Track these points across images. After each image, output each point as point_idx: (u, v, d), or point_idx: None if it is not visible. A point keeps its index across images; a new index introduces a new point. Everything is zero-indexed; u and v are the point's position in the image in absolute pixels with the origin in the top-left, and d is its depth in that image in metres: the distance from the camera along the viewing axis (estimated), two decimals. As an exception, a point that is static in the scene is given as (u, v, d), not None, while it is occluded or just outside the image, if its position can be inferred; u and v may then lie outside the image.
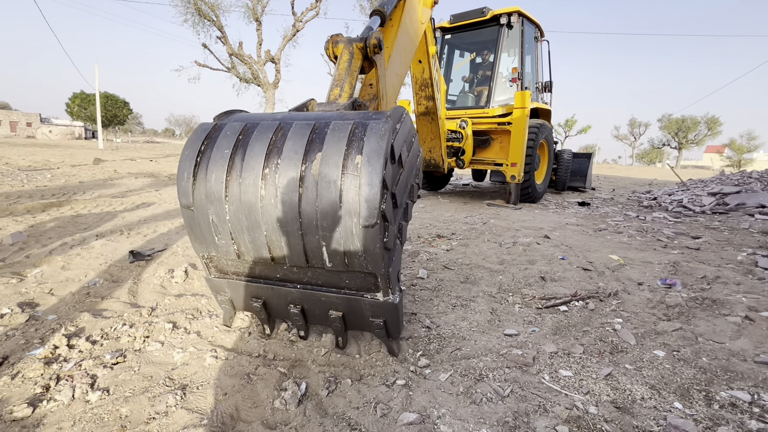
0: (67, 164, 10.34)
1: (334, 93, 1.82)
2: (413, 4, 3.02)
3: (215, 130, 1.44)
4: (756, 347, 1.70)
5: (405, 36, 2.92)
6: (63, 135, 52.09)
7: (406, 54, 3.00)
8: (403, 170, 1.51)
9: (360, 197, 1.20)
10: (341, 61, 1.95)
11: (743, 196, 6.48)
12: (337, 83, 1.86)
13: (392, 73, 2.67)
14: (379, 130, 1.24)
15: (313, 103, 1.79)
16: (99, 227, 3.82)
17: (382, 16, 2.48)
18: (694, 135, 46.49)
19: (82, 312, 1.99)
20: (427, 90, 4.52)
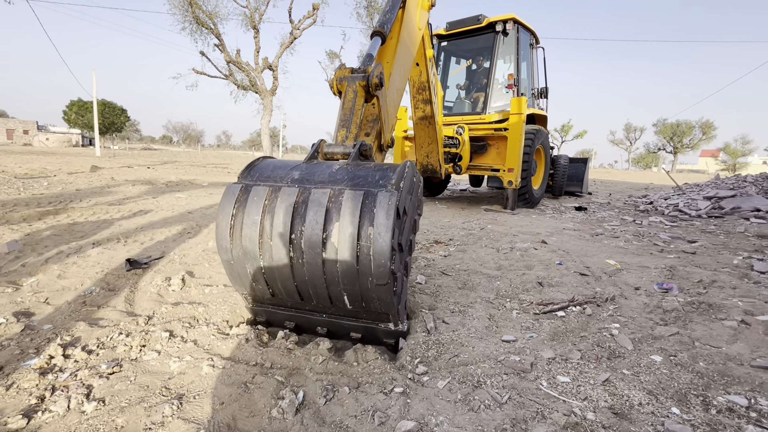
0: (63, 172, 10.32)
1: (341, 134, 1.95)
2: (411, 14, 3.05)
3: (243, 193, 1.64)
4: (752, 351, 1.70)
5: (404, 48, 2.95)
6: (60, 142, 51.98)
7: (406, 66, 3.03)
8: (407, 216, 1.66)
9: (373, 263, 1.44)
10: (346, 101, 2.04)
11: (738, 200, 6.53)
12: (344, 123, 1.97)
13: (393, 89, 2.71)
14: (386, 204, 1.44)
15: (323, 144, 1.88)
16: (95, 235, 3.81)
17: (382, 36, 2.52)
18: (689, 139, 46.88)
19: (78, 321, 1.98)
20: (424, 93, 4.56)
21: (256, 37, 12.16)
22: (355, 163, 1.68)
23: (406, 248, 1.70)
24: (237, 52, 12.02)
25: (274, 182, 1.64)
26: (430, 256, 3.43)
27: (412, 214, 1.78)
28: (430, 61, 4.23)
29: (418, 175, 1.84)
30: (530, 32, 7.22)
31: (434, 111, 4.78)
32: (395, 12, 2.75)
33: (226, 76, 12.67)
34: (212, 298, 2.37)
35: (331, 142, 1.88)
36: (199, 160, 22.64)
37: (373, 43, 2.47)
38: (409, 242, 1.77)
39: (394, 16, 2.71)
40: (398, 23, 2.88)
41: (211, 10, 11.38)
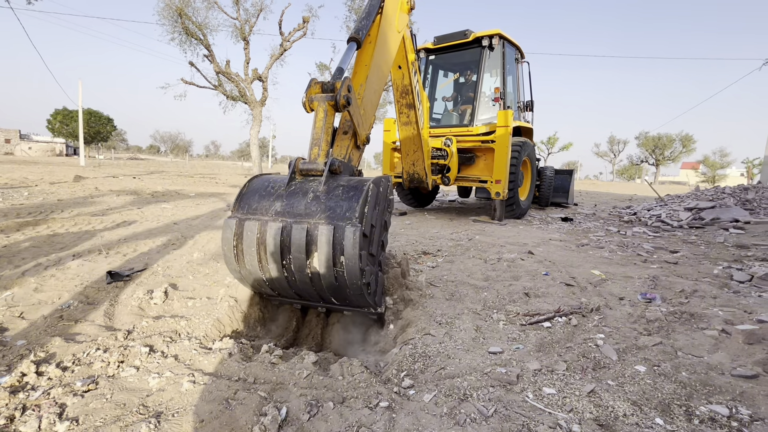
0: (45, 182, 10.09)
1: (313, 152, 2.11)
2: (389, 17, 3.09)
3: (238, 227, 1.95)
4: (733, 360, 1.73)
5: (382, 50, 2.99)
6: (43, 152, 50.95)
7: (384, 68, 3.06)
8: (374, 228, 1.97)
9: (348, 281, 1.79)
10: (317, 119, 2.16)
11: (718, 211, 6.71)
12: (316, 142, 2.13)
13: (370, 90, 2.74)
14: (351, 238, 1.73)
15: (298, 162, 2.06)
16: (76, 247, 3.71)
17: (357, 42, 2.61)
18: (670, 152, 48.27)
19: (54, 336, 1.92)
20: (407, 97, 4.62)
21: (246, 49, 12.20)
22: (326, 188, 1.92)
23: (378, 249, 2.09)
24: (227, 63, 12.02)
25: (261, 215, 1.95)
26: (418, 267, 3.42)
27: (380, 221, 2.10)
28: (412, 65, 4.30)
29: (384, 183, 2.12)
30: (515, 47, 7.41)
31: (418, 117, 4.84)
32: (372, 18, 2.81)
33: (215, 87, 12.64)
34: (195, 311, 2.31)
35: (306, 160, 2.08)
36: (186, 171, 22.39)
37: (346, 51, 2.54)
38: (381, 242, 2.16)
39: (370, 23, 2.78)
40: (376, 27, 2.93)
41: (201, 21, 11.40)
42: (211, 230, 4.72)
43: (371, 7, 2.91)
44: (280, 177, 2.12)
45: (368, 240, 1.88)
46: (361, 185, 1.88)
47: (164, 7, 11.00)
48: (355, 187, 1.88)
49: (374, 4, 2.95)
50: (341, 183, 1.92)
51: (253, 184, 2.09)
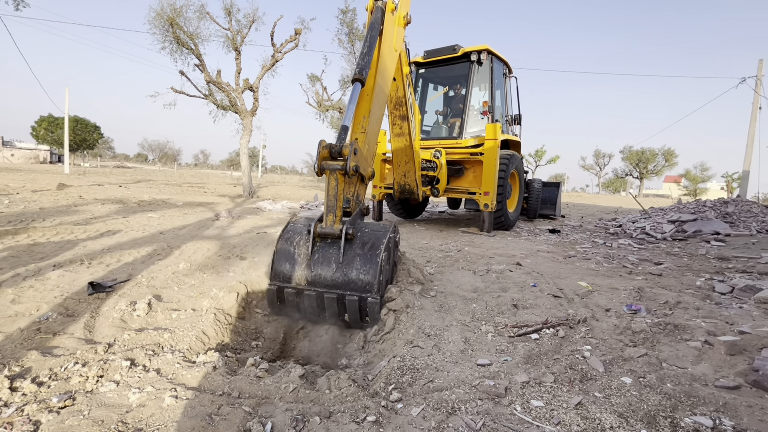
0: (27, 189, 9.85)
1: (329, 219, 2.35)
2: (388, 40, 3.14)
3: (280, 294, 2.38)
4: (716, 371, 1.76)
5: (383, 75, 3.03)
6: (26, 159, 49.84)
7: (385, 90, 3.11)
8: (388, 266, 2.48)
9: (371, 324, 2.32)
10: (329, 188, 2.37)
11: (699, 223, 6.88)
12: (330, 209, 2.36)
13: (373, 120, 2.83)
14: (374, 307, 2.24)
15: (317, 227, 2.34)
16: (57, 257, 3.62)
17: (362, 82, 2.72)
18: (653, 166, 49.48)
19: (30, 350, 1.85)
20: (401, 109, 4.68)
21: (238, 59, 12.22)
22: (345, 258, 2.28)
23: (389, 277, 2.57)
24: (218, 72, 12.00)
25: (297, 284, 2.32)
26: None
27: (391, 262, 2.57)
28: (406, 78, 4.36)
29: (393, 238, 2.53)
30: (503, 62, 7.58)
31: (411, 128, 4.90)
32: (372, 54, 2.85)
33: (205, 96, 12.59)
34: (180, 323, 2.26)
35: (323, 225, 2.37)
36: (174, 179, 22.12)
37: (353, 92, 2.63)
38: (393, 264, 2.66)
39: (371, 59, 2.82)
40: (376, 53, 2.96)
41: (193, 31, 11.40)
42: (198, 240, 4.66)
43: (372, 40, 2.93)
44: (303, 238, 2.40)
45: (384, 283, 2.39)
46: (375, 257, 2.25)
47: (156, 16, 10.98)
48: (370, 258, 2.26)
49: (374, 35, 2.96)
50: (357, 252, 2.30)
51: (279, 251, 2.41)
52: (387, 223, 2.50)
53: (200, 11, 11.55)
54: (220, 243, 4.54)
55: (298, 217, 2.60)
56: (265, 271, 3.06)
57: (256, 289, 2.76)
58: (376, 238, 2.34)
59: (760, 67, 16.34)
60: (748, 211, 8.01)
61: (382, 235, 2.36)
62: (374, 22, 3.02)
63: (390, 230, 2.45)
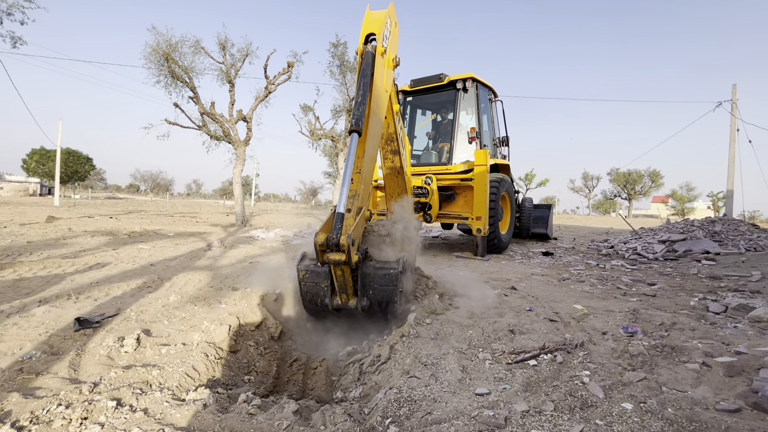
0: (15, 223, 9.70)
1: (342, 298, 2.59)
2: (378, 86, 3.15)
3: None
4: (716, 394, 1.74)
5: (375, 119, 3.05)
6: (15, 192, 49.38)
7: (378, 131, 3.16)
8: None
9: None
10: (336, 275, 2.50)
11: (689, 243, 6.97)
12: (342, 290, 2.56)
13: (368, 159, 2.85)
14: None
15: (333, 302, 2.65)
16: (43, 292, 3.53)
17: (359, 133, 2.77)
18: (640, 187, 50.55)
19: (11, 392, 1.77)
20: (392, 144, 4.79)
21: (232, 91, 12.50)
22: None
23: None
24: (212, 104, 12.22)
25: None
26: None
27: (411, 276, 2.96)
28: (397, 115, 4.48)
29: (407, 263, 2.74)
30: (488, 88, 7.84)
31: (402, 162, 4.99)
32: (366, 102, 2.86)
33: (199, 127, 12.76)
34: (169, 359, 2.19)
35: (338, 301, 2.61)
36: (166, 209, 21.99)
37: (351, 144, 2.70)
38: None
39: (365, 108, 2.83)
40: (369, 100, 2.97)
41: (188, 65, 11.69)
42: (190, 271, 4.59)
43: (365, 87, 2.92)
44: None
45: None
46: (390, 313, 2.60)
47: (151, 51, 11.27)
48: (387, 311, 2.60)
49: (366, 82, 2.96)
50: (376, 309, 2.62)
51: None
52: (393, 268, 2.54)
53: (195, 46, 11.90)
54: (212, 273, 4.47)
55: (310, 270, 2.63)
56: (257, 302, 3.01)
57: (248, 321, 2.71)
58: (389, 297, 2.55)
59: (734, 91, 17.11)
60: (735, 229, 8.15)
61: (392, 292, 2.53)
62: (365, 67, 3.04)
63: (397, 280, 2.54)
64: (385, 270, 2.52)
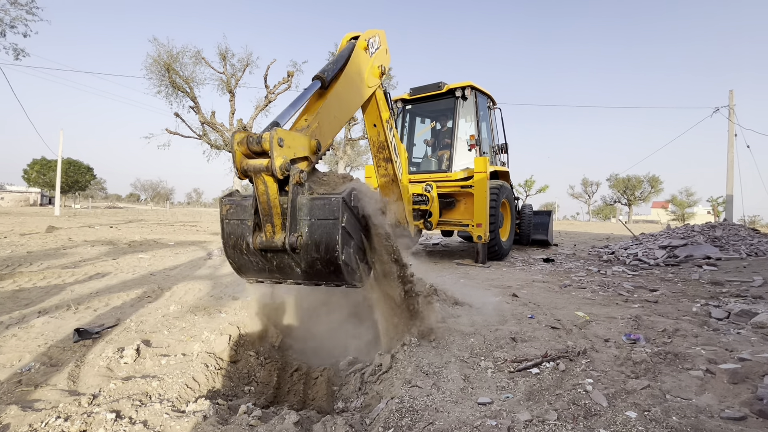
0: (15, 233, 9.70)
1: (268, 229, 1.86)
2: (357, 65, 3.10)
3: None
4: (720, 402, 1.72)
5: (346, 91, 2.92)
6: (16, 202, 49.49)
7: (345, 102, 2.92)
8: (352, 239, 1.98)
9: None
10: (259, 193, 1.84)
11: (690, 248, 6.96)
12: (266, 219, 1.85)
13: (329, 113, 2.57)
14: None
15: (256, 240, 1.89)
16: (43, 302, 3.52)
17: (323, 81, 2.50)
18: (640, 192, 50.67)
19: (9, 404, 1.76)
20: (384, 152, 4.82)
21: (232, 100, 12.61)
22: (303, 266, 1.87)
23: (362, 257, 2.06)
24: (212, 113, 12.32)
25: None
26: (404, 313, 3.36)
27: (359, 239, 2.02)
28: (387, 122, 4.51)
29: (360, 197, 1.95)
30: (487, 96, 7.89)
31: (396, 170, 5.02)
32: (340, 64, 2.78)
33: (200, 137, 12.84)
34: (169, 370, 2.18)
35: (263, 237, 1.89)
36: (166, 219, 21.99)
37: (308, 88, 2.39)
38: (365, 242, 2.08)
39: (337, 68, 2.72)
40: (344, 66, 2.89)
41: (188, 76, 11.81)
42: (190, 281, 4.57)
43: (340, 56, 2.91)
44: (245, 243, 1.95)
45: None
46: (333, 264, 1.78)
47: (153, 62, 11.41)
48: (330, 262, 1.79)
49: (344, 54, 2.96)
50: (313, 255, 1.81)
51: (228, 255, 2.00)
52: (334, 196, 1.83)
53: (196, 57, 12.03)
54: (212, 283, 4.46)
55: (235, 203, 1.99)
56: (258, 311, 3.00)
57: (248, 331, 2.69)
58: (329, 236, 1.78)
59: (731, 97, 17.23)
60: (735, 234, 8.15)
61: (332, 230, 1.78)
62: (344, 50, 3.05)
63: (339, 211, 1.79)
64: (324, 199, 1.81)
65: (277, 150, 1.76)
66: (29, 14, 10.25)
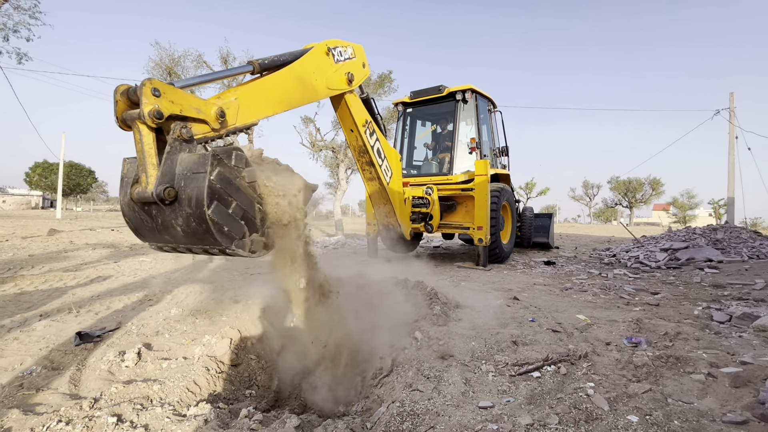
0: (17, 236, 9.73)
1: (143, 179, 1.82)
2: (301, 69, 3.11)
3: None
4: (722, 406, 1.72)
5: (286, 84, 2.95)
6: (18, 205, 49.66)
7: (290, 92, 2.98)
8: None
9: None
10: (135, 142, 1.85)
11: (691, 251, 6.95)
12: (142, 168, 1.83)
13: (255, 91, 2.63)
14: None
15: (134, 191, 1.86)
16: (45, 306, 3.52)
17: (254, 66, 2.61)
18: (641, 195, 50.55)
19: (11, 408, 1.76)
20: (365, 156, 4.87)
21: (233, 104, 12.65)
22: (177, 223, 1.80)
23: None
24: (213, 117, 12.37)
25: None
26: (405, 316, 3.36)
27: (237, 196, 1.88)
28: (364, 127, 4.56)
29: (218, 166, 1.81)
30: (487, 99, 7.91)
31: (380, 173, 5.03)
32: (284, 59, 2.92)
33: (200, 139, 12.91)
34: (170, 374, 2.18)
35: (140, 189, 1.84)
36: (167, 221, 21.97)
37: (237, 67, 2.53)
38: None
39: (281, 61, 2.88)
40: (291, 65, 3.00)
41: (190, 79, 11.86)
42: (191, 284, 4.58)
43: (291, 53, 3.04)
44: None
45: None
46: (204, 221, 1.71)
47: (154, 66, 11.47)
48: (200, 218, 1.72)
49: (295, 52, 3.07)
50: (186, 211, 1.74)
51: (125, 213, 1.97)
52: (206, 154, 1.78)
53: (197, 60, 12.08)
54: (214, 286, 4.46)
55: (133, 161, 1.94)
56: (259, 315, 3.00)
57: (249, 334, 2.70)
58: (198, 189, 1.71)
59: (732, 99, 17.22)
60: (737, 237, 8.13)
61: (200, 186, 1.71)
62: (299, 50, 3.19)
63: (208, 165, 1.72)
64: (198, 154, 1.80)
65: (148, 98, 1.77)
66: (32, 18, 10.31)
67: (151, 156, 1.81)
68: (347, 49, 3.79)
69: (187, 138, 1.87)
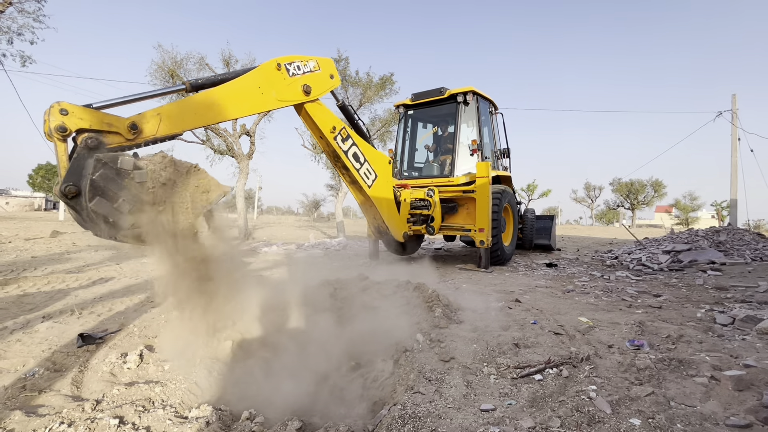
0: (20, 238, 9.77)
1: (59, 180, 2.15)
2: (246, 84, 3.35)
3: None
4: (725, 409, 1.71)
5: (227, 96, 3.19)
6: (21, 207, 49.85)
7: (233, 105, 3.22)
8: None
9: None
10: (56, 152, 2.21)
11: (694, 253, 6.92)
12: (58, 172, 2.18)
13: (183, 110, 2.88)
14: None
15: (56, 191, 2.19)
16: (47, 307, 3.54)
17: (186, 86, 2.91)
18: (643, 197, 50.40)
19: (14, 410, 1.77)
20: (339, 161, 4.91)
21: (235, 106, 12.68)
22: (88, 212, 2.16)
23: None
24: (215, 119, 12.41)
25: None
26: (406, 319, 3.36)
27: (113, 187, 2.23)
28: (332, 133, 4.61)
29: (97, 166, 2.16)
30: (488, 101, 7.92)
31: (358, 177, 5.05)
32: (222, 77, 3.20)
33: (203, 142, 12.92)
34: (172, 375, 2.19)
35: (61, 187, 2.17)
36: (169, 223, 22.03)
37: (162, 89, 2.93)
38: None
39: (218, 80, 3.17)
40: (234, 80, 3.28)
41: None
42: (193, 285, 4.58)
43: (235, 71, 3.32)
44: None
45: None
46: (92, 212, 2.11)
47: (157, 68, 11.51)
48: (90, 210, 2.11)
49: (239, 71, 3.33)
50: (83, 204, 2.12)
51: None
52: (90, 161, 2.16)
53: (200, 62, 12.13)
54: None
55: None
56: (258, 316, 3.00)
57: (251, 336, 2.70)
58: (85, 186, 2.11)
59: (734, 101, 17.19)
60: (740, 239, 8.09)
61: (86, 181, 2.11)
62: (247, 68, 3.45)
63: (90, 168, 2.13)
64: (90, 159, 2.16)
65: (55, 116, 2.12)
66: (36, 22, 10.38)
67: (62, 161, 2.17)
68: (308, 63, 4.02)
69: (92, 146, 2.21)
